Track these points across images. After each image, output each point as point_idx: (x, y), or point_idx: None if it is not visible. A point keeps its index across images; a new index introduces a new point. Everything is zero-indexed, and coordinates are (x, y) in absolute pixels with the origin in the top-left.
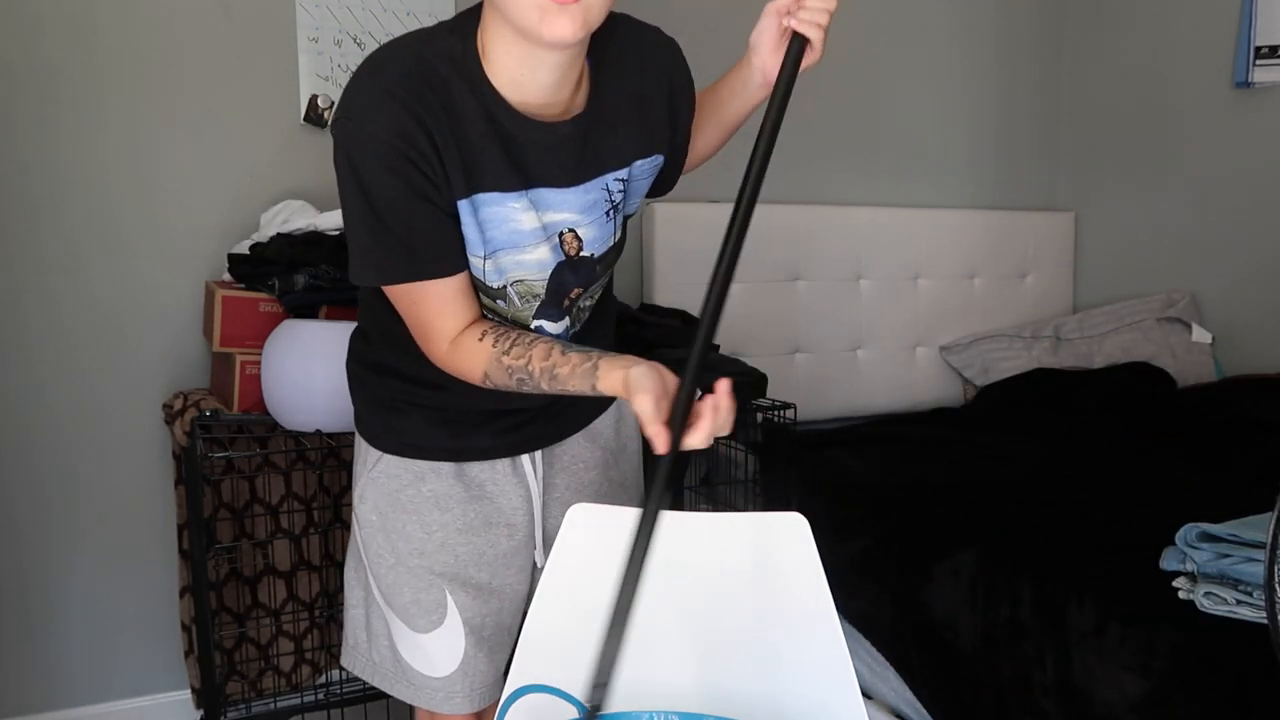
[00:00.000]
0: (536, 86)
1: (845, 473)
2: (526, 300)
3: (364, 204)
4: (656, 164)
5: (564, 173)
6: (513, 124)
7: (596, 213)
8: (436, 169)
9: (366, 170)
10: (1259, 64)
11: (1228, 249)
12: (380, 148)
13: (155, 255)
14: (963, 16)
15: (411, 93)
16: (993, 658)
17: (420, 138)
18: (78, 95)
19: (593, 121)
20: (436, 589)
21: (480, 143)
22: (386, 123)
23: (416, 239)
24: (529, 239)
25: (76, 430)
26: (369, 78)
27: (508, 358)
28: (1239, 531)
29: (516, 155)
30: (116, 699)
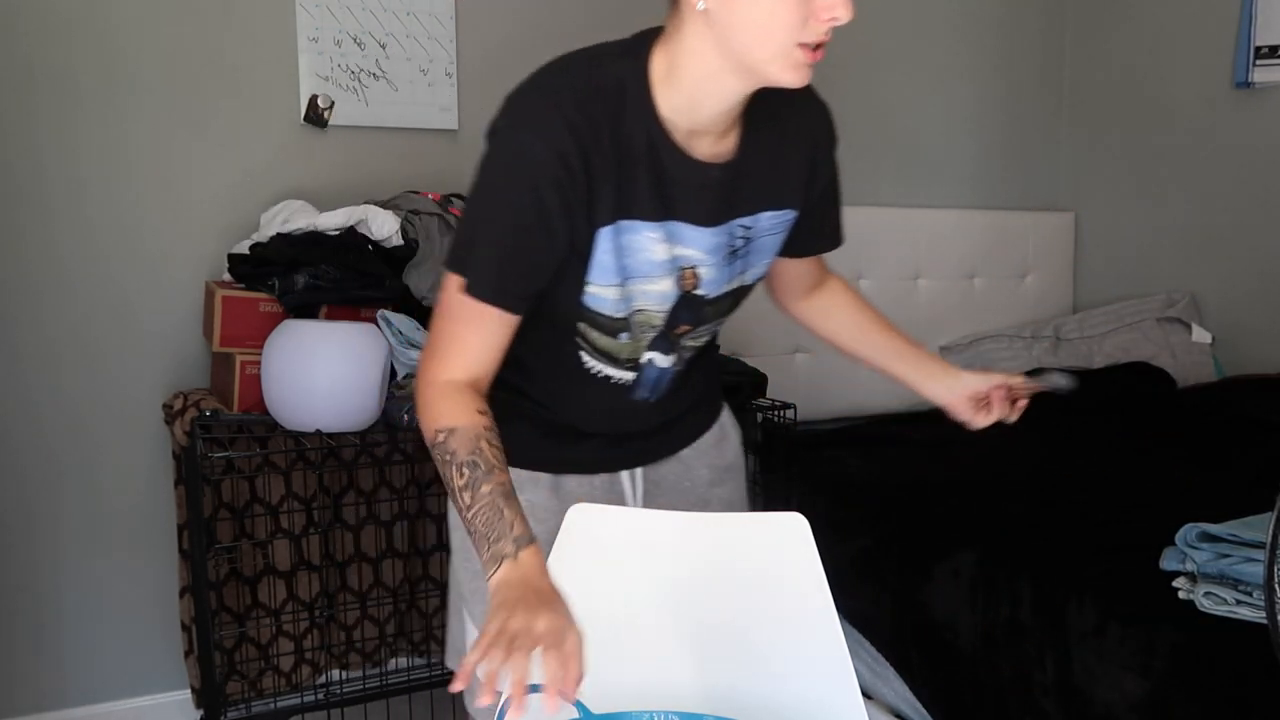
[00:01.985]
0: (710, 112)
1: (845, 473)
2: (644, 330)
3: (490, 213)
4: (786, 220)
5: (704, 213)
6: (669, 157)
7: (718, 256)
8: (581, 194)
9: (512, 180)
10: (1259, 64)
11: (1228, 249)
12: (532, 162)
13: (155, 255)
14: (964, 16)
15: (581, 114)
16: (993, 658)
17: (576, 161)
18: (77, 96)
19: (738, 169)
20: None
21: (635, 171)
22: (548, 139)
23: (515, 263)
24: (659, 270)
25: (76, 430)
26: (541, 92)
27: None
28: (1239, 531)
29: (665, 188)
30: (116, 699)
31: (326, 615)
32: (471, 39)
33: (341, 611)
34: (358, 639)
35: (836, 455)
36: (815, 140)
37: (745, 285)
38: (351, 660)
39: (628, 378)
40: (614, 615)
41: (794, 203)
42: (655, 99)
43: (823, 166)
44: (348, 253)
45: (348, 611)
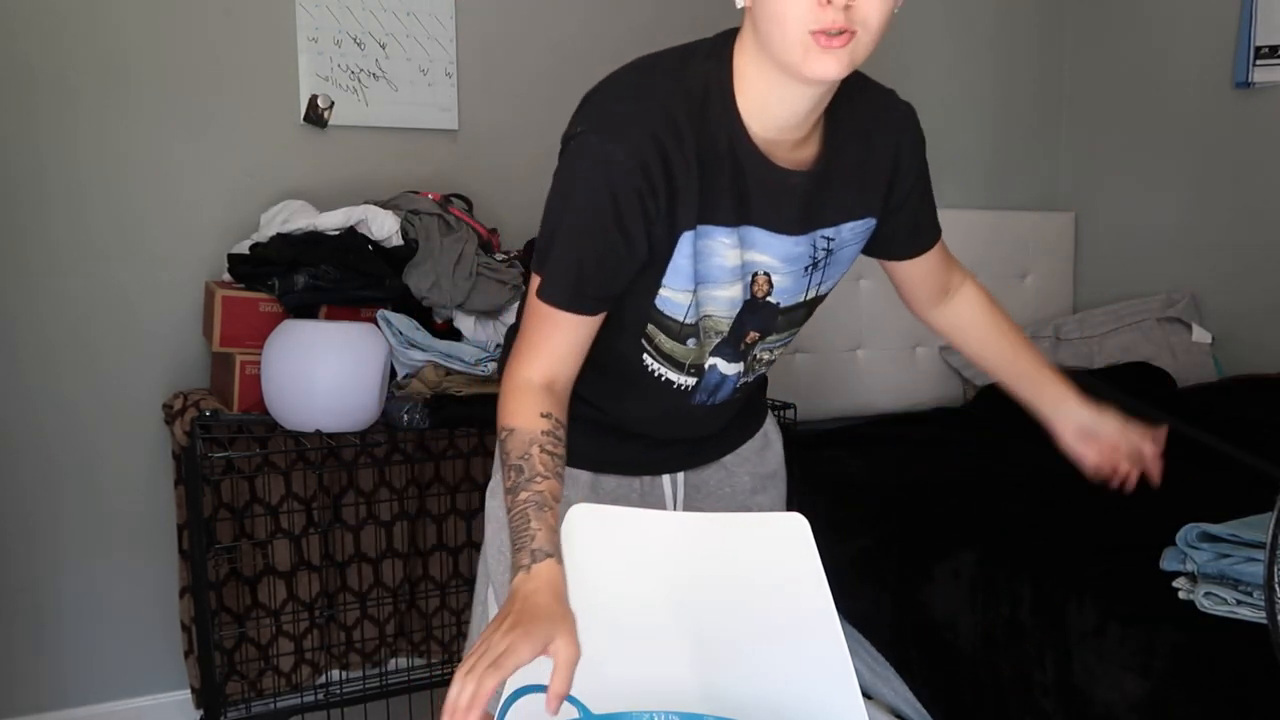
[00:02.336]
0: (786, 114)
1: (845, 473)
2: (710, 336)
3: (570, 218)
4: (866, 228)
5: (783, 221)
6: (749, 160)
7: (797, 265)
8: (662, 204)
9: (591, 187)
10: (1259, 64)
11: (1228, 249)
12: (614, 170)
13: (155, 255)
14: (963, 16)
15: (665, 121)
16: (993, 658)
17: (657, 171)
18: (77, 96)
19: (821, 178)
20: None
21: (715, 175)
22: (631, 149)
23: (592, 269)
24: (728, 275)
25: (76, 430)
26: (625, 98)
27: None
28: (1239, 531)
29: (743, 191)
30: (116, 699)
31: (326, 615)
32: (471, 39)
33: (341, 611)
34: (358, 639)
35: (836, 455)
36: (899, 144)
37: (822, 296)
38: (351, 660)
39: (689, 382)
40: (614, 615)
41: (874, 210)
42: (737, 95)
43: (907, 170)
44: (348, 253)
45: (348, 611)
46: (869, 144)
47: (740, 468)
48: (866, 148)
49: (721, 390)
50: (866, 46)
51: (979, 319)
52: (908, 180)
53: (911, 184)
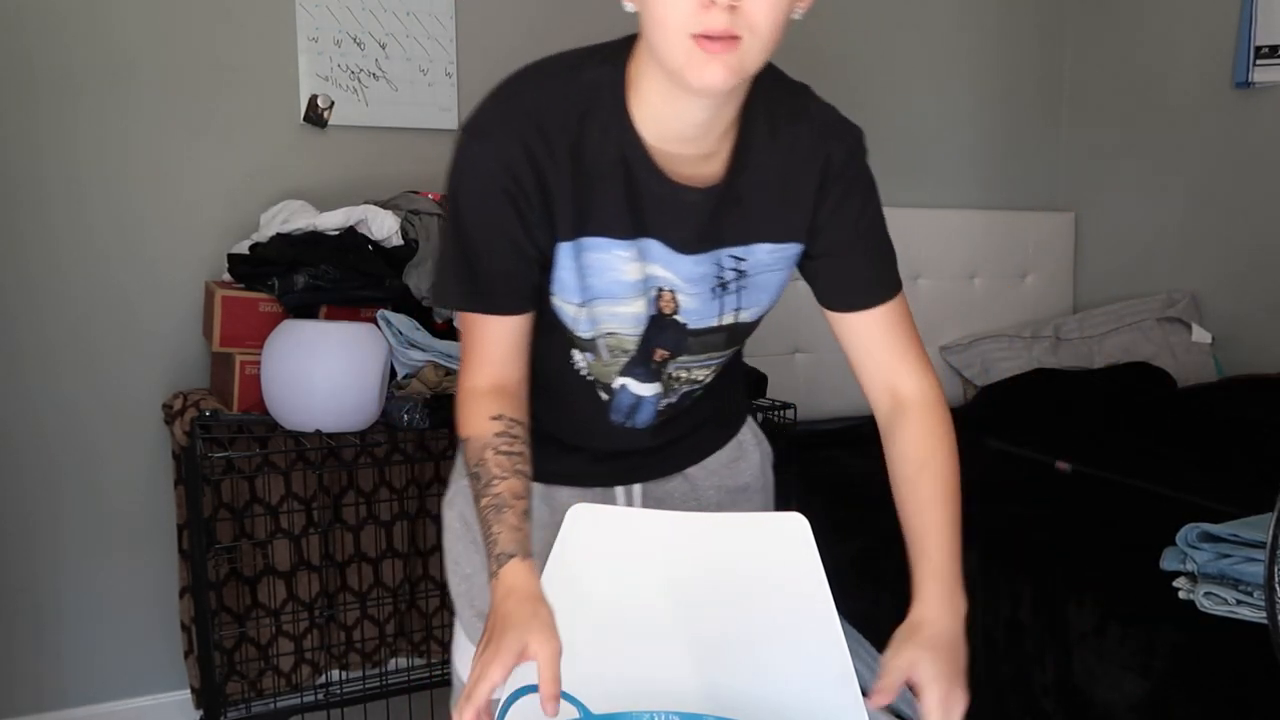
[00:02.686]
0: (681, 126)
1: (845, 473)
2: (615, 354)
3: (453, 221)
4: (789, 255)
5: (682, 238)
6: (643, 172)
7: (702, 286)
8: (536, 210)
9: (464, 189)
10: (1259, 64)
11: (1228, 249)
12: (481, 172)
13: (155, 255)
14: (963, 16)
15: (535, 127)
16: (993, 658)
17: (526, 175)
18: (77, 96)
19: (725, 195)
20: None
21: (603, 185)
22: (496, 151)
23: (484, 268)
24: (629, 290)
25: (76, 430)
26: (498, 100)
27: (492, 455)
28: (1239, 531)
29: (638, 204)
30: (116, 699)
31: (326, 615)
32: (471, 39)
33: (341, 611)
34: (358, 639)
35: (836, 455)
36: (828, 168)
37: (744, 324)
38: (351, 660)
39: (605, 398)
40: (614, 615)
41: (797, 236)
42: (631, 110)
43: (838, 199)
44: (347, 253)
45: (348, 611)
46: (790, 163)
47: (706, 480)
48: (786, 166)
49: (640, 413)
50: (758, 53)
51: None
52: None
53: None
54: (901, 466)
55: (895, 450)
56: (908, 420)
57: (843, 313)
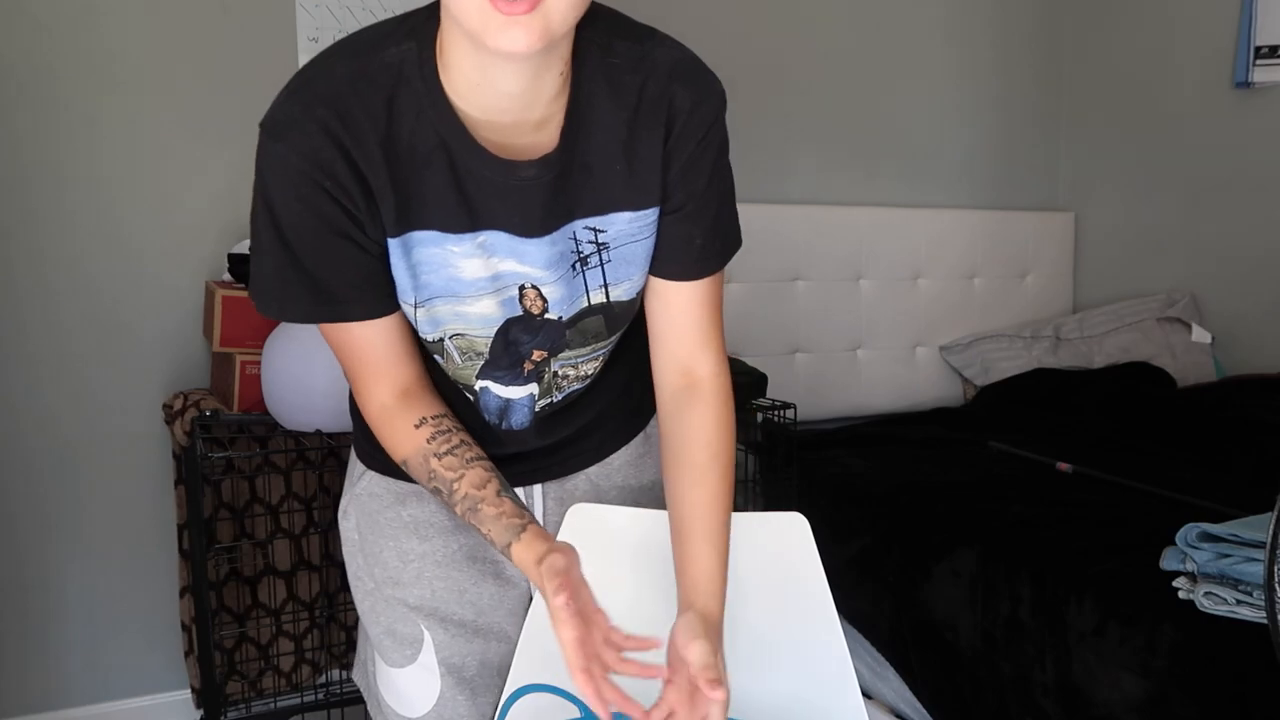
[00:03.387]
0: (497, 95)
1: (845, 473)
2: (468, 357)
3: (272, 229)
4: (653, 220)
5: (524, 221)
6: (466, 156)
7: (560, 267)
8: (358, 203)
9: (276, 193)
10: (1259, 64)
11: (1228, 249)
12: (291, 172)
13: (155, 255)
14: (962, 16)
15: (338, 115)
16: (993, 658)
17: (340, 167)
18: (77, 96)
19: (564, 163)
20: (411, 623)
21: (425, 174)
22: (300, 146)
23: (329, 275)
24: (470, 288)
25: (76, 430)
26: (295, 90)
27: (437, 463)
28: (1239, 531)
29: (468, 192)
30: (116, 699)
31: (326, 615)
32: None
33: (341, 611)
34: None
35: (836, 455)
36: (673, 115)
37: (620, 302)
38: (352, 660)
39: (469, 399)
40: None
41: (653, 200)
42: (444, 81)
43: (685, 157)
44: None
45: (348, 611)
46: (635, 119)
47: (607, 481)
48: (631, 124)
49: (513, 415)
50: (565, 11)
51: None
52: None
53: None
54: (689, 449)
55: (682, 430)
56: (702, 404)
57: (662, 279)
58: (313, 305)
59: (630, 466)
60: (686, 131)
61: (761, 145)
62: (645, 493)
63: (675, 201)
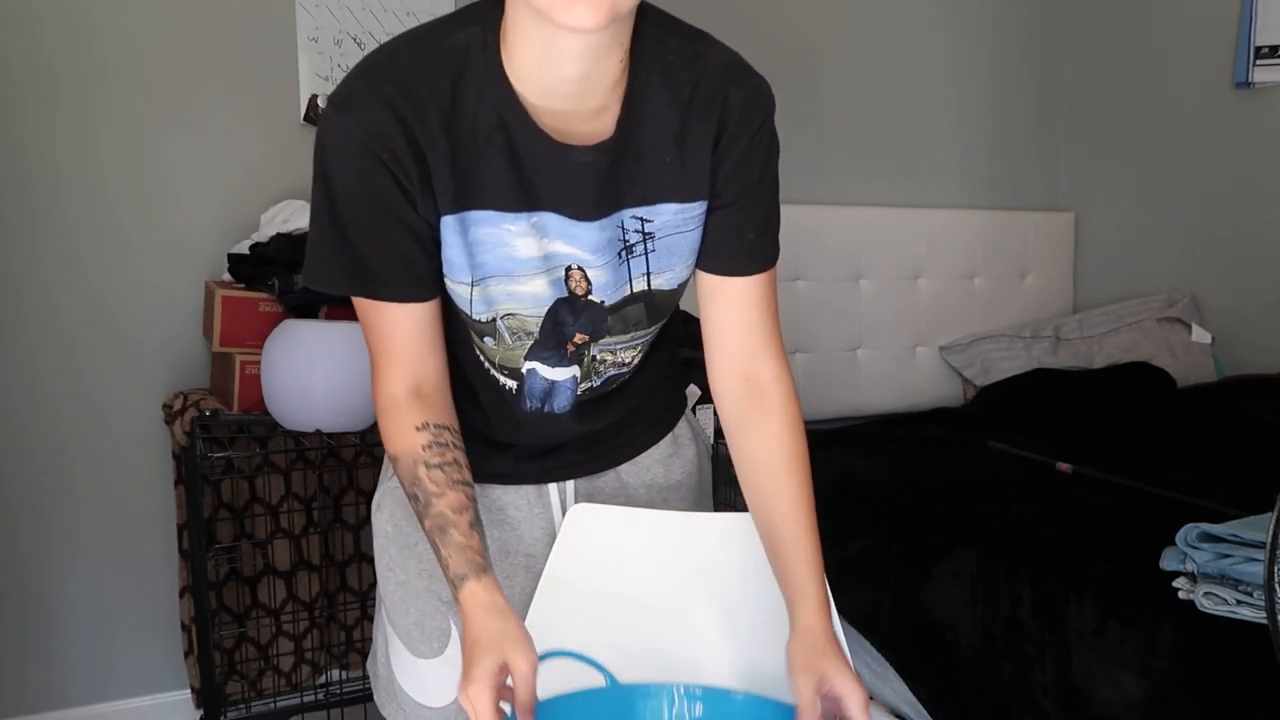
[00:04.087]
0: (559, 79)
1: (845, 473)
2: (518, 337)
3: (325, 200)
4: (697, 214)
5: (577, 204)
6: (526, 138)
7: (608, 254)
8: (414, 181)
9: (334, 164)
10: (1259, 64)
11: (1228, 249)
12: (352, 144)
13: (155, 255)
14: (962, 16)
15: (403, 93)
16: (993, 658)
17: (399, 143)
18: (78, 95)
19: (620, 150)
20: (441, 616)
21: (484, 153)
22: (364, 119)
23: (370, 251)
24: (524, 268)
25: (76, 430)
26: (363, 69)
27: (425, 472)
28: (1239, 531)
29: (525, 173)
30: (116, 699)
31: (326, 615)
32: None
33: (341, 611)
34: (358, 639)
35: (836, 455)
36: (726, 114)
37: (661, 291)
38: (351, 660)
39: (511, 385)
40: (613, 615)
41: (701, 193)
42: (507, 64)
43: (742, 153)
44: None
45: (348, 611)
46: (688, 113)
47: (636, 479)
48: (684, 117)
49: (556, 398)
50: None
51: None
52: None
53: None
54: (766, 460)
55: (755, 440)
56: (772, 412)
57: (718, 275)
58: (350, 279)
59: (659, 465)
60: (740, 129)
61: None
62: (673, 490)
63: (728, 195)
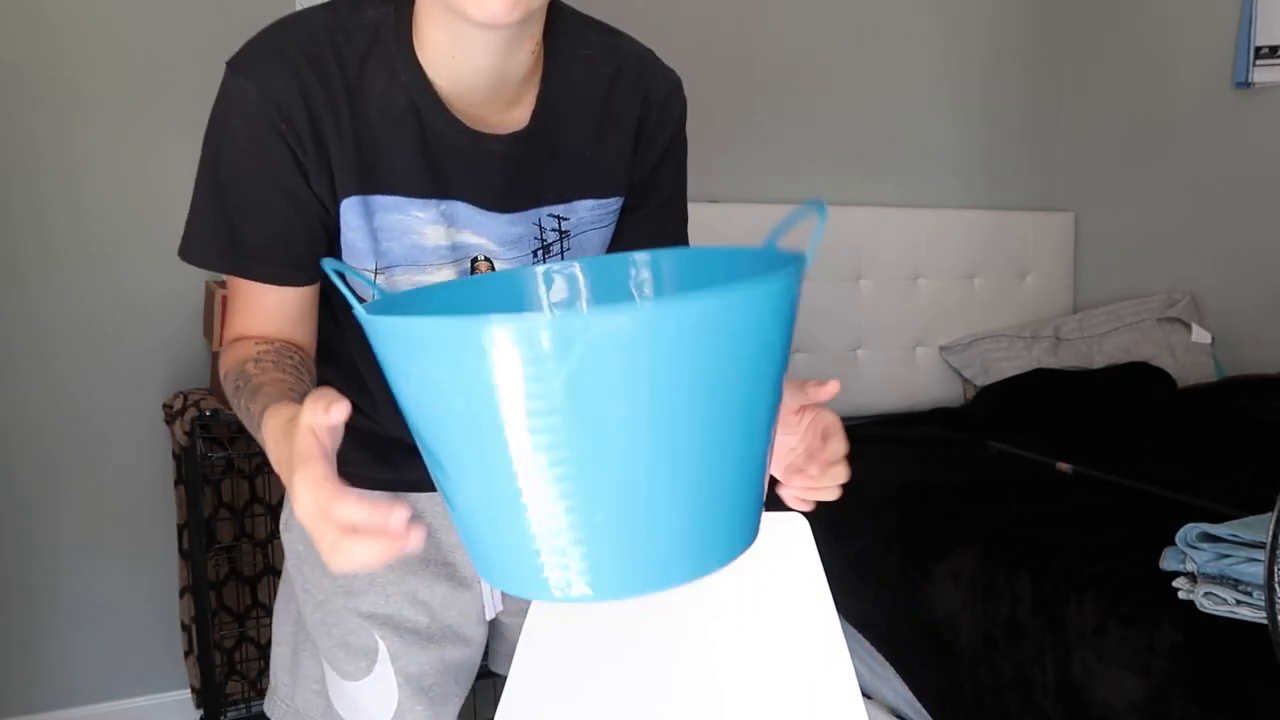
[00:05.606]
0: (471, 71)
1: None
2: None
3: (210, 167)
4: (612, 210)
5: (488, 194)
6: (437, 122)
7: (521, 250)
8: (308, 152)
9: (226, 128)
10: (1259, 64)
11: (1228, 249)
12: (248, 107)
13: (155, 255)
14: (962, 16)
15: (310, 61)
16: (993, 658)
17: (298, 114)
18: (78, 95)
19: (534, 142)
20: (365, 633)
21: (392, 135)
22: (264, 83)
23: (249, 225)
24: (431, 257)
25: (76, 430)
26: (266, 32)
27: (251, 365)
28: (1239, 531)
29: (436, 159)
30: (116, 699)
31: None
32: None
33: None
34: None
35: None
36: (648, 106)
37: None
38: None
39: None
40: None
41: (618, 189)
42: (418, 49)
43: (664, 147)
44: None
45: None
46: (607, 104)
47: None
48: (603, 107)
49: None
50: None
51: None
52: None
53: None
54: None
55: None
56: None
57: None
58: (222, 253)
59: None
60: (661, 124)
61: (761, 145)
62: None
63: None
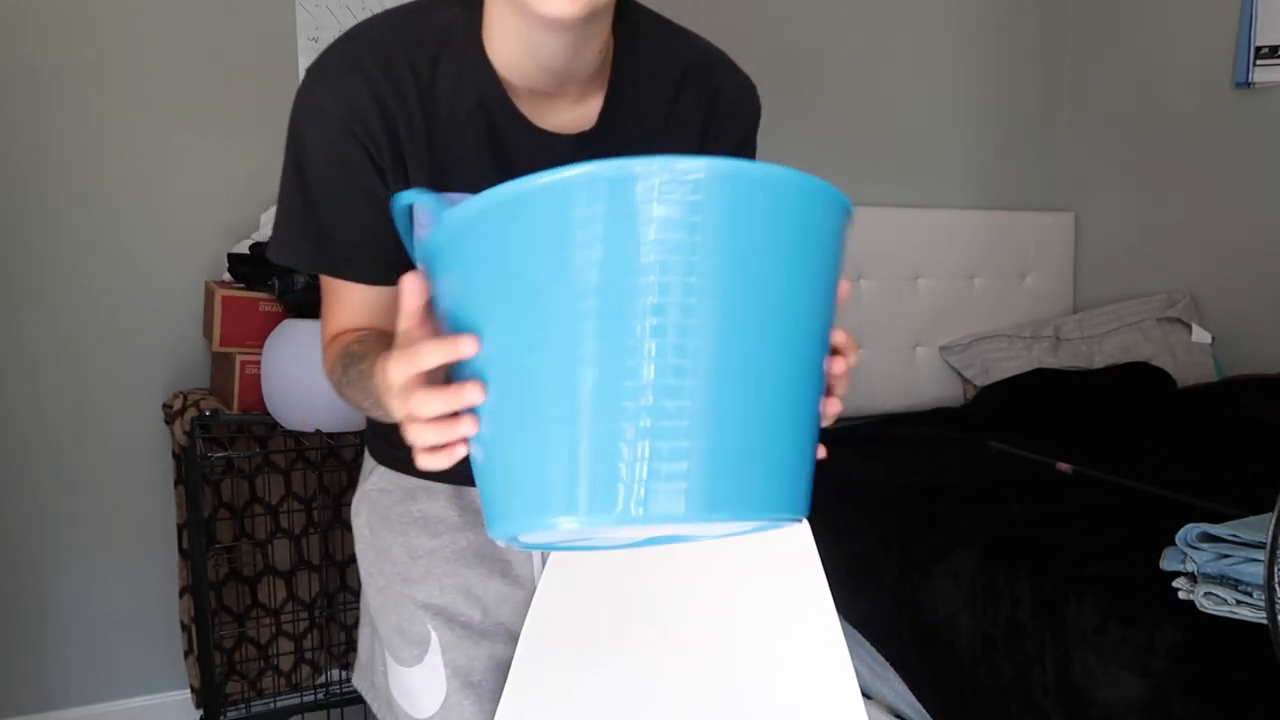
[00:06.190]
0: (539, 66)
1: (845, 473)
2: None
3: (294, 172)
4: None
5: None
6: (506, 120)
7: None
8: (384, 155)
9: (307, 135)
10: (1259, 64)
11: (1228, 249)
12: (325, 116)
13: (155, 255)
14: (963, 16)
15: (381, 67)
16: (993, 658)
17: (373, 118)
18: (78, 95)
19: (600, 143)
20: (419, 622)
21: (463, 134)
22: (339, 91)
23: (336, 228)
24: None
25: (76, 430)
26: (340, 41)
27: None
28: (1239, 532)
29: (505, 156)
30: (116, 699)
31: (326, 615)
32: None
33: (341, 611)
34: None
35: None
36: (716, 102)
37: None
38: (351, 660)
39: None
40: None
41: None
42: (488, 47)
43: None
44: None
45: (348, 611)
46: (675, 104)
47: None
48: (671, 106)
49: None
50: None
51: None
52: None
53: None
54: None
55: None
56: None
57: None
58: (314, 254)
59: None
60: (731, 121)
61: (761, 145)
62: None
63: None
